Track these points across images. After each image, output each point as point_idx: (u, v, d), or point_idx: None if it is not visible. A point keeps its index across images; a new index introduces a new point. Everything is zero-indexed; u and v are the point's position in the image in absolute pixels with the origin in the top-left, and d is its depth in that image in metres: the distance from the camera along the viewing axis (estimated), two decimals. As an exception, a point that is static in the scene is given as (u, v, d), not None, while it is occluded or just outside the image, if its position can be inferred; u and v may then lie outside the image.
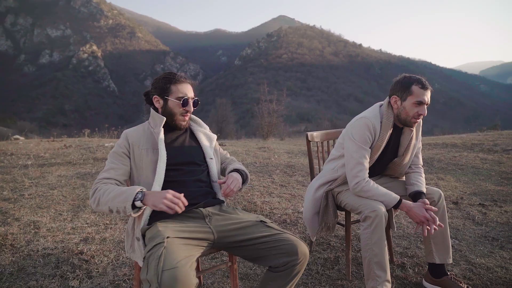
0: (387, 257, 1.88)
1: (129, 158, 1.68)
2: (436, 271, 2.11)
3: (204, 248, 1.51)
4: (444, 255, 2.11)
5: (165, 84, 1.77)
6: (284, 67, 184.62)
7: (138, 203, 1.45)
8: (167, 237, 1.37)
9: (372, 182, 1.99)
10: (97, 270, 2.25)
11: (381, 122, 2.04)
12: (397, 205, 1.93)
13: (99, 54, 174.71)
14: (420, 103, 1.97)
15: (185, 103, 1.72)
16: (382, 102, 2.15)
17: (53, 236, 2.75)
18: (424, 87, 1.97)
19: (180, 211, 1.43)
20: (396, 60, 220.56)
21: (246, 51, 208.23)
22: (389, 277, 1.87)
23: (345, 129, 2.16)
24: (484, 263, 2.50)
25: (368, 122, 2.01)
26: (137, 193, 1.45)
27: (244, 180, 1.85)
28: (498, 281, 2.25)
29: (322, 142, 2.65)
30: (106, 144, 7.74)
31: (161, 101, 1.78)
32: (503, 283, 2.22)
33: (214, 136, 1.93)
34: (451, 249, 2.13)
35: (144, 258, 1.37)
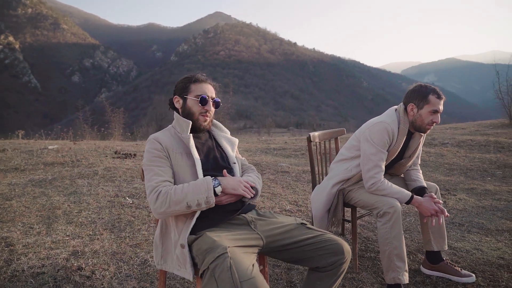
0: (405, 249, 2.02)
1: (169, 160, 1.60)
2: (434, 258, 2.32)
3: (255, 254, 1.50)
4: (441, 243, 2.32)
5: (185, 83, 1.74)
6: (221, 63, 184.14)
7: (218, 189, 1.49)
8: (228, 247, 1.33)
9: (386, 181, 2.12)
10: (102, 286, 2.09)
11: (398, 128, 2.17)
12: (409, 201, 2.07)
13: (16, 46, 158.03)
14: (436, 111, 2.13)
15: (203, 101, 1.68)
16: (396, 107, 2.28)
17: (35, 252, 2.48)
18: (439, 97, 2.13)
19: (249, 196, 1.55)
20: (328, 59, 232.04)
21: (182, 47, 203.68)
22: (407, 267, 2.02)
23: (360, 132, 2.26)
24: (462, 247, 2.79)
25: (388, 127, 2.12)
26: (213, 180, 1.50)
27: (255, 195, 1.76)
28: (479, 262, 2.53)
29: (320, 142, 2.73)
30: (50, 147, 7.09)
31: (181, 101, 1.74)
32: (483, 263, 2.50)
33: (236, 140, 1.90)
34: (446, 237, 2.35)
35: (204, 270, 1.31)
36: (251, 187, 1.62)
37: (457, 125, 11.74)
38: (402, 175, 2.47)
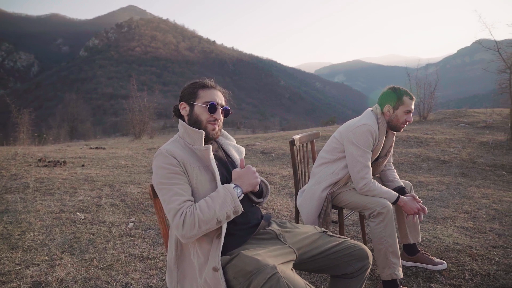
0: (398, 246, 2.14)
1: (186, 175, 1.45)
2: (411, 250, 2.50)
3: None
4: (416, 235, 2.52)
5: (193, 89, 1.59)
6: (137, 60, 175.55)
7: (239, 193, 1.44)
8: (276, 265, 1.25)
9: (375, 182, 2.22)
10: (87, 320, 1.82)
11: (378, 128, 2.27)
12: (395, 201, 2.20)
13: None
14: (409, 111, 2.29)
15: (212, 108, 1.55)
16: (372, 108, 2.38)
17: (-17, 289, 2.06)
18: (411, 98, 2.29)
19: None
20: (247, 58, 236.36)
21: (93, 41, 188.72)
22: (400, 262, 2.14)
23: (341, 135, 2.32)
24: (423, 236, 3.04)
25: (371, 129, 2.21)
26: (234, 188, 1.43)
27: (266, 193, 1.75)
28: (442, 249, 2.79)
29: (302, 145, 2.74)
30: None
31: (188, 108, 1.59)
32: (446, 250, 2.78)
33: (243, 149, 1.80)
34: (420, 230, 2.55)
35: None
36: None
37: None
38: (378, 175, 2.61)
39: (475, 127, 9.66)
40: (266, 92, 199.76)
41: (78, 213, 3.37)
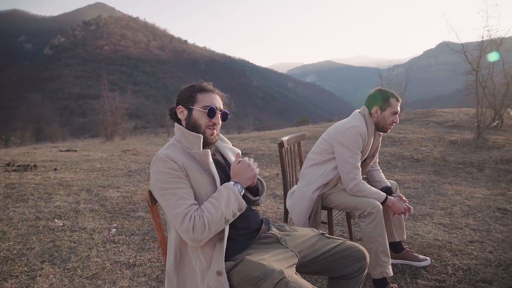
0: (388, 245, 2.19)
1: (188, 179, 1.42)
2: (396, 247, 2.57)
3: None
4: (401, 233, 2.59)
5: (191, 92, 1.56)
6: (106, 59, 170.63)
7: (240, 189, 1.44)
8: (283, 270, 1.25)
9: (365, 183, 2.26)
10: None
11: (367, 129, 2.32)
12: (384, 201, 2.25)
13: None
14: (395, 113, 2.35)
15: (211, 112, 1.53)
16: (359, 110, 2.43)
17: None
18: (397, 100, 2.35)
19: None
20: (220, 58, 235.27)
21: (58, 39, 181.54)
22: (390, 261, 2.19)
23: (330, 137, 2.35)
24: (418, 233, 3.14)
25: (360, 130, 2.26)
26: (234, 185, 1.43)
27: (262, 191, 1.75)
28: (424, 245, 2.89)
29: (290, 147, 2.75)
30: None
31: (185, 112, 1.55)
32: (427, 246, 2.88)
33: (238, 151, 1.79)
34: (405, 228, 2.63)
35: None
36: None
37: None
38: (365, 175, 2.67)
39: (444, 126, 10.08)
40: (239, 92, 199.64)
41: (56, 220, 3.22)
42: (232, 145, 1.80)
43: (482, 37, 8.14)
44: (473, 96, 8.47)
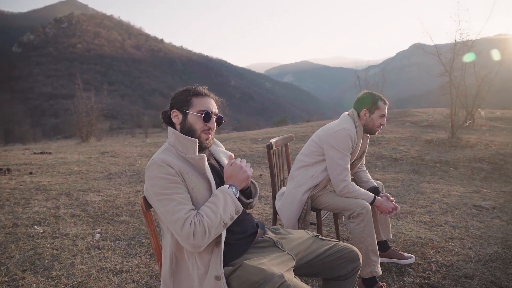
0: (377, 244, 2.24)
1: (184, 184, 1.40)
2: (382, 246, 2.63)
3: (294, 276, 1.44)
4: (387, 232, 2.66)
5: (186, 96, 1.54)
6: (79, 58, 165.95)
7: (235, 192, 1.44)
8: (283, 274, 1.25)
9: (354, 184, 2.30)
10: None
11: (356, 132, 2.36)
12: (372, 202, 2.30)
13: None
14: (383, 115, 2.40)
15: (206, 117, 1.51)
16: (348, 112, 2.47)
17: None
18: (385, 103, 2.41)
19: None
20: (197, 57, 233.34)
21: (28, 36, 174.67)
22: (379, 260, 2.24)
23: (320, 139, 2.38)
24: (401, 232, 3.22)
25: (350, 133, 2.29)
26: (229, 188, 1.43)
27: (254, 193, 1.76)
28: (407, 243, 2.98)
29: (278, 149, 2.76)
30: None
31: (180, 116, 1.53)
32: (411, 244, 2.96)
33: (231, 154, 1.78)
34: (390, 227, 2.69)
35: None
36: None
37: (325, 122, 13.38)
38: (352, 176, 2.71)
39: (419, 126, 10.40)
40: (217, 92, 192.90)
41: (35, 226, 3.10)
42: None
43: (455, 40, 8.46)
44: (447, 97, 8.78)
